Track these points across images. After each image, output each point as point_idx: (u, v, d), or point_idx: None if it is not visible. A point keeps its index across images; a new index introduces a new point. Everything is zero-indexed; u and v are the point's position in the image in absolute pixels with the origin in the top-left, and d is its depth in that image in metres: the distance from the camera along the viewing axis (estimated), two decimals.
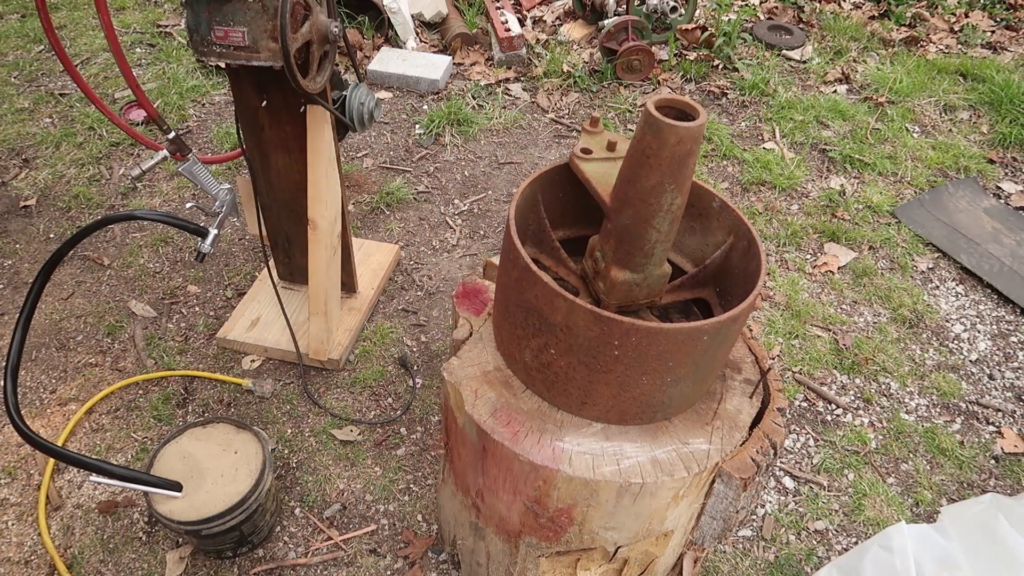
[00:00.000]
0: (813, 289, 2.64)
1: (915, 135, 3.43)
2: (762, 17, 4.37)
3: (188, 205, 2.08)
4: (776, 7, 4.47)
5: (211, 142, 3.18)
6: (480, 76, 3.68)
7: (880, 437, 2.17)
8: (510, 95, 3.59)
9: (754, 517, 1.95)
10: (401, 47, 3.81)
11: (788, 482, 2.04)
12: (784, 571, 1.83)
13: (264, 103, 1.85)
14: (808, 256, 2.78)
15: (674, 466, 1.21)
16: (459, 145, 3.25)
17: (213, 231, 1.92)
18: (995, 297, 2.65)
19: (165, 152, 1.90)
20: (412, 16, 3.91)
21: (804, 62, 3.93)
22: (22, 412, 1.59)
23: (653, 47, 3.68)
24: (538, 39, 3.95)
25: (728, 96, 3.64)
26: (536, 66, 3.74)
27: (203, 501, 1.60)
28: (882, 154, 3.26)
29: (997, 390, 2.33)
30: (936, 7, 4.57)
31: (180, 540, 1.81)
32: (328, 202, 1.98)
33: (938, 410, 2.26)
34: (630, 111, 3.49)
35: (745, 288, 1.21)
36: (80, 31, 3.88)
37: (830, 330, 2.48)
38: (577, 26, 4.07)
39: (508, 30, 3.75)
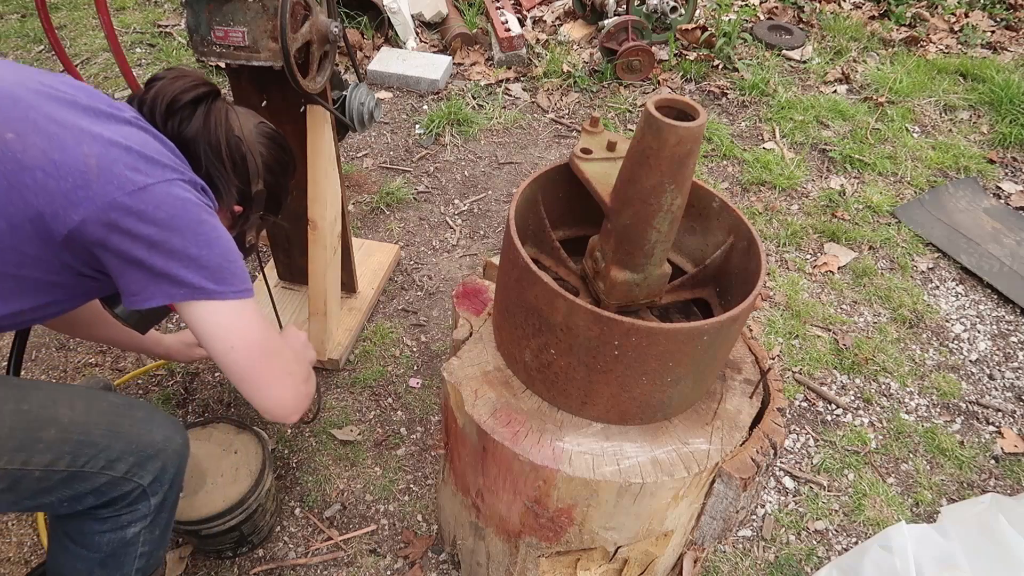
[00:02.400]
0: (813, 289, 2.64)
1: (915, 135, 3.43)
2: (762, 17, 4.37)
3: None
4: (776, 7, 4.47)
5: None
6: (480, 76, 3.68)
7: (880, 437, 2.17)
8: (510, 95, 3.59)
9: (754, 517, 1.95)
10: (401, 47, 3.81)
11: (788, 482, 2.04)
12: (784, 571, 1.83)
13: (264, 103, 1.85)
14: (808, 256, 2.78)
15: (674, 466, 1.21)
16: (459, 145, 3.25)
17: None
18: (995, 297, 2.65)
19: None
20: (412, 16, 3.91)
21: (804, 62, 3.93)
22: None
23: (653, 47, 3.68)
24: (538, 39, 3.95)
25: (728, 96, 3.64)
26: (536, 66, 3.74)
27: (203, 501, 1.60)
28: (882, 154, 3.26)
29: (997, 390, 2.33)
30: (936, 7, 4.57)
31: (180, 540, 1.81)
32: (328, 202, 1.98)
33: (938, 410, 2.26)
34: (630, 111, 3.49)
35: (745, 288, 1.21)
36: (80, 31, 3.88)
37: (830, 330, 2.48)
38: (577, 26, 4.08)
39: (508, 30, 3.75)
